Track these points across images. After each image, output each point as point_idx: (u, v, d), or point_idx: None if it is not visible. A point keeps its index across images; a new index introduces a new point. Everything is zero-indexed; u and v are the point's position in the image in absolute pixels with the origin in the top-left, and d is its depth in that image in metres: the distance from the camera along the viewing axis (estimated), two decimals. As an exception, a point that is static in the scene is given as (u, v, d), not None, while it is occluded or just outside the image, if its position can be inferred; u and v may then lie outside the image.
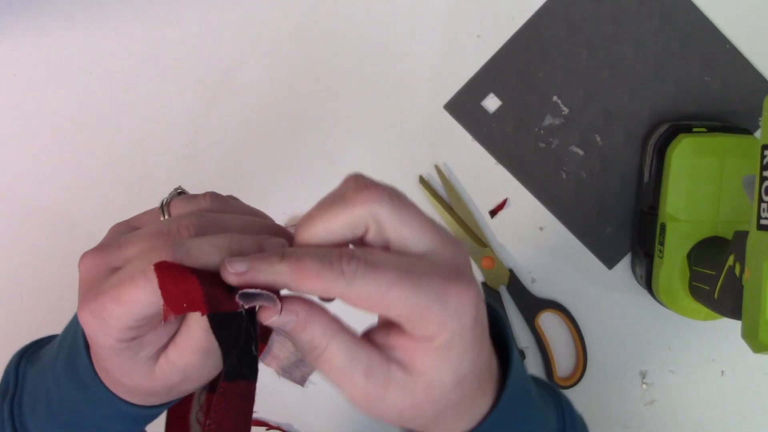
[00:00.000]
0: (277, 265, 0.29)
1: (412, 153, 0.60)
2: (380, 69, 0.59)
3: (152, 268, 0.28)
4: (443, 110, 0.60)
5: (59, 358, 0.36)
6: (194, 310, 0.28)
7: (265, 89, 0.59)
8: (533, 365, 0.62)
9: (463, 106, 0.59)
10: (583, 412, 0.62)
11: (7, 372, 0.40)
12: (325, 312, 0.30)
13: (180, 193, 0.37)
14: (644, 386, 0.62)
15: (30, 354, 0.41)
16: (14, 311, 0.61)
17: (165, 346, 0.32)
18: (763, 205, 0.42)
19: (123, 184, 0.60)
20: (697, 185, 0.54)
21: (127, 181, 0.60)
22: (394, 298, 0.28)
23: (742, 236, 0.44)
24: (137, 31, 0.59)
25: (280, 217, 0.60)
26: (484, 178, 0.60)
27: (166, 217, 0.35)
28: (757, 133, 0.58)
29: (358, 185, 0.31)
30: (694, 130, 0.55)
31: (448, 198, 0.60)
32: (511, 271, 0.60)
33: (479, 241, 0.60)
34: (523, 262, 0.61)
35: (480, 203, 0.60)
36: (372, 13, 0.59)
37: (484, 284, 0.61)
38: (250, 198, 0.60)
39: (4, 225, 0.60)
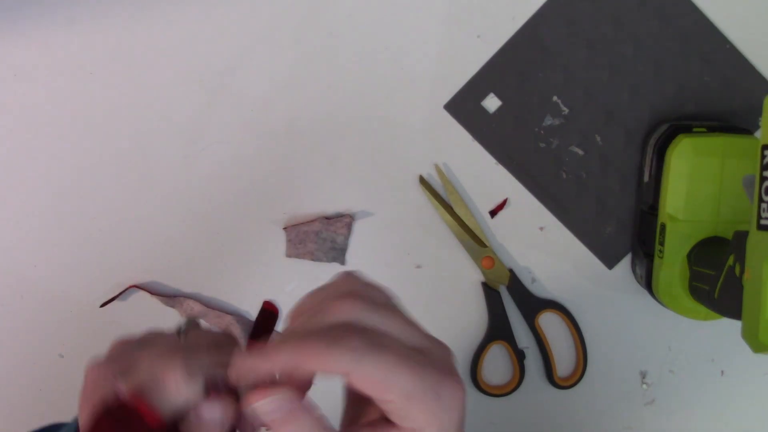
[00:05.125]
0: (282, 346, 0.29)
1: (412, 153, 0.60)
2: (380, 69, 0.59)
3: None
4: (443, 110, 0.60)
5: None
6: None
7: (265, 89, 0.59)
8: (533, 365, 0.62)
9: (463, 106, 0.59)
10: (583, 412, 0.63)
11: None
12: (311, 410, 0.31)
13: (195, 325, 0.39)
14: (644, 386, 0.62)
15: None
16: (14, 315, 0.61)
17: None
18: (763, 205, 0.42)
19: (123, 184, 0.60)
20: (697, 185, 0.54)
21: (127, 181, 0.60)
22: (394, 381, 0.29)
23: (742, 236, 0.44)
24: (137, 31, 0.59)
25: (280, 217, 0.60)
26: (484, 178, 0.60)
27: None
28: (757, 133, 0.58)
29: (337, 294, 0.31)
30: (694, 130, 0.55)
31: (448, 198, 0.60)
32: (511, 271, 0.60)
33: (479, 241, 0.60)
34: (523, 262, 0.61)
35: (480, 203, 0.60)
36: (372, 13, 0.59)
37: (484, 284, 0.61)
38: (250, 198, 0.60)
39: (3, 225, 0.60)
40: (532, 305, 0.61)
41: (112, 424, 0.31)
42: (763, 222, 0.42)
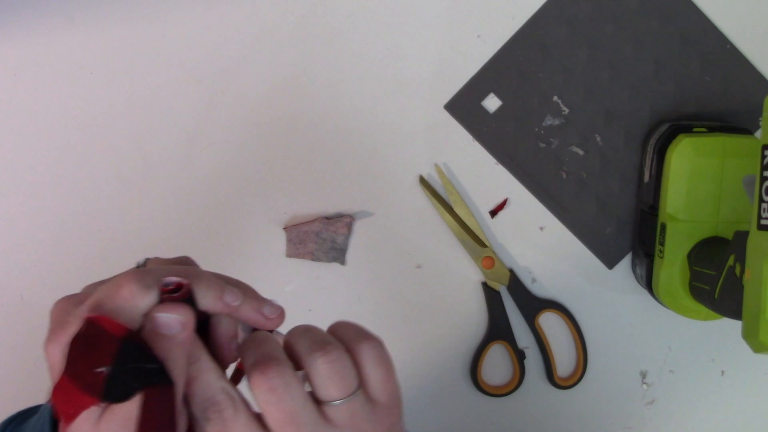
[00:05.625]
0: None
1: (412, 153, 0.60)
2: (380, 69, 0.59)
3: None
4: (443, 110, 0.60)
5: None
6: (85, 408, 0.30)
7: (265, 89, 0.59)
8: (533, 365, 0.62)
9: (463, 106, 0.59)
10: (583, 412, 0.63)
11: None
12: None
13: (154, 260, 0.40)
14: (644, 386, 0.62)
15: (13, 427, 0.41)
16: (14, 310, 0.61)
17: None
18: (764, 205, 0.42)
19: (123, 184, 0.60)
20: (697, 185, 0.54)
21: (127, 181, 0.60)
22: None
23: (742, 236, 0.44)
24: (137, 31, 0.59)
25: (281, 217, 0.60)
26: (484, 178, 0.60)
27: None
28: (758, 133, 0.58)
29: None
30: (694, 130, 0.55)
31: (448, 198, 0.60)
32: (511, 271, 0.60)
33: (479, 241, 0.60)
34: (523, 262, 0.61)
35: (480, 203, 0.60)
36: (372, 12, 0.59)
37: (484, 284, 0.61)
38: (250, 198, 0.60)
39: (3, 225, 0.60)
40: (532, 305, 0.61)
41: (82, 347, 0.30)
42: (764, 222, 0.42)
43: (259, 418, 0.33)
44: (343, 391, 0.33)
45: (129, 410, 0.30)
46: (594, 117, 0.59)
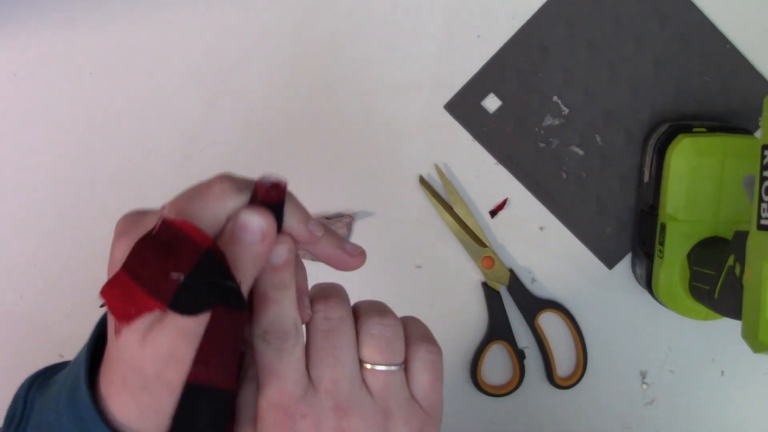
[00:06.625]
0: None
1: (412, 153, 0.60)
2: (380, 69, 0.59)
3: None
4: (443, 110, 0.60)
5: (63, 391, 0.34)
6: (148, 311, 0.28)
7: (265, 89, 0.59)
8: (533, 365, 0.62)
9: (463, 106, 0.59)
10: (582, 412, 0.63)
11: (16, 399, 0.39)
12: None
13: None
14: (644, 386, 0.62)
15: (41, 381, 0.40)
16: (14, 315, 0.61)
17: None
18: (763, 205, 0.42)
19: (123, 184, 0.60)
20: (697, 185, 0.54)
21: (127, 181, 0.60)
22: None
23: (742, 236, 0.44)
24: (137, 31, 0.59)
25: (280, 217, 0.60)
26: (484, 178, 0.60)
27: None
28: (757, 133, 0.58)
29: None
30: (694, 130, 0.55)
31: (448, 198, 0.60)
32: (511, 271, 0.60)
33: (479, 241, 0.60)
34: (523, 262, 0.61)
35: (480, 203, 0.60)
36: (372, 13, 0.59)
37: (484, 284, 0.61)
38: (250, 198, 0.60)
39: (3, 225, 0.60)
40: (532, 305, 0.61)
41: (157, 248, 0.27)
42: (763, 222, 0.42)
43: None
44: (385, 358, 0.33)
45: (182, 324, 0.28)
46: (594, 117, 0.59)
